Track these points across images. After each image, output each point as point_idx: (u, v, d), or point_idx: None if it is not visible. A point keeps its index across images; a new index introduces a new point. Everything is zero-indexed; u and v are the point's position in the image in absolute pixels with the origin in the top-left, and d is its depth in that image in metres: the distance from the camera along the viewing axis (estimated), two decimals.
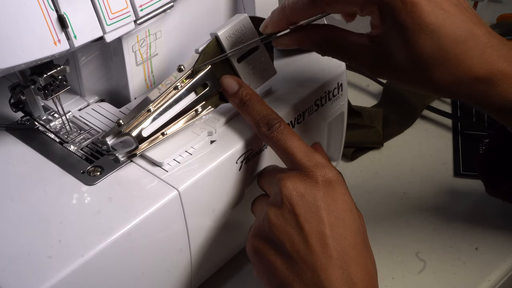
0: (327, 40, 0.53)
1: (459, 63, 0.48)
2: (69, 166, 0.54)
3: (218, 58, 0.56)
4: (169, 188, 0.52)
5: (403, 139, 0.81)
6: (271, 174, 0.55)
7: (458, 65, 0.48)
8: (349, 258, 0.49)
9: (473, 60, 0.48)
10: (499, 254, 0.66)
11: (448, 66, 0.48)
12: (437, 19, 0.47)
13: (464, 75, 0.48)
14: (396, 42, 0.49)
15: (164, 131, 0.54)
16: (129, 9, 0.53)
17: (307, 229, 0.49)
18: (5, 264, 0.46)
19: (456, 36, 0.47)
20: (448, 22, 0.47)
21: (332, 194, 0.50)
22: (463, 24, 0.48)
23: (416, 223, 0.70)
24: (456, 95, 0.51)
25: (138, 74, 0.60)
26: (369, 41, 0.50)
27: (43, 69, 0.52)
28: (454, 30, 0.47)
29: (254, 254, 0.52)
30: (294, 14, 0.53)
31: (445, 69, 0.48)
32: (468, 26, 0.48)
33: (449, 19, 0.47)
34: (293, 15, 0.53)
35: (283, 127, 0.53)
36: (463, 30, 0.48)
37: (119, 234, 0.48)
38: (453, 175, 0.75)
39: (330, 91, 0.64)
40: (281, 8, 0.53)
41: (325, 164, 0.52)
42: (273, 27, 0.55)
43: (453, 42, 0.47)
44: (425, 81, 0.50)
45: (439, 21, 0.47)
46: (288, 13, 0.53)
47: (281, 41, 0.56)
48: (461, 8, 0.48)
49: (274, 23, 0.54)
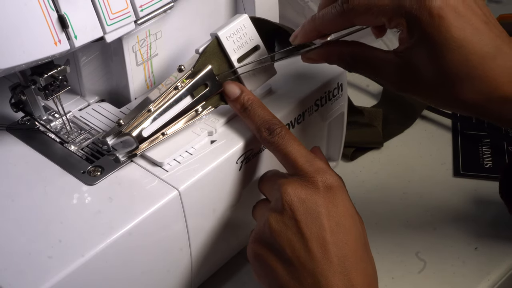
0: (354, 55, 0.53)
1: (487, 81, 0.47)
2: (70, 166, 0.54)
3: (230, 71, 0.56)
4: (169, 188, 0.52)
5: (403, 139, 0.81)
6: (272, 179, 0.55)
7: (486, 82, 0.47)
8: (350, 263, 0.49)
9: (502, 78, 0.47)
10: (498, 254, 0.66)
11: (474, 83, 0.47)
12: (465, 34, 0.46)
13: (492, 93, 0.47)
14: (423, 57, 0.48)
15: (164, 131, 0.54)
16: (130, 10, 0.53)
17: (307, 234, 0.49)
18: (6, 264, 0.46)
19: (484, 52, 0.47)
20: (476, 38, 0.46)
21: (332, 200, 0.50)
22: (492, 41, 0.47)
23: (416, 223, 0.70)
24: (482, 114, 0.50)
25: (139, 74, 0.60)
26: (396, 57, 0.50)
27: (44, 69, 0.52)
28: (482, 46, 0.47)
29: (254, 259, 0.52)
30: (324, 25, 0.53)
31: (472, 86, 0.47)
32: (497, 43, 0.47)
33: (477, 35, 0.47)
34: (323, 26, 0.53)
35: (284, 132, 0.53)
36: (492, 47, 0.47)
37: (120, 234, 0.48)
38: (452, 175, 0.75)
39: (330, 91, 0.64)
40: (311, 19, 0.53)
41: (325, 169, 0.52)
42: (303, 38, 0.55)
43: (482, 58, 0.47)
44: (451, 98, 0.49)
45: (467, 36, 0.46)
46: (318, 24, 0.53)
47: (309, 56, 0.56)
48: (490, 25, 0.48)
49: (304, 34, 0.55)
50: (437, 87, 0.49)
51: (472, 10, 0.47)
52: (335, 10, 0.51)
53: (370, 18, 0.50)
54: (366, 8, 0.49)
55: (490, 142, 0.79)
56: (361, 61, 0.53)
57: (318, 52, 0.55)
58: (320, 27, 0.53)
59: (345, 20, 0.51)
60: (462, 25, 0.46)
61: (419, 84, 0.50)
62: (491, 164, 0.76)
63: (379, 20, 0.50)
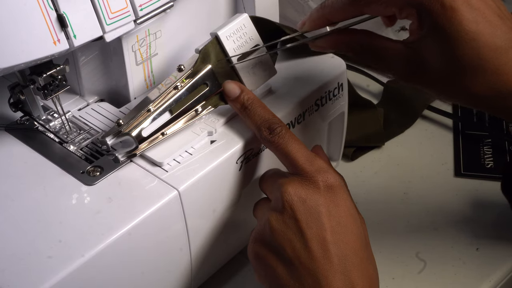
0: (363, 44, 0.52)
1: (498, 74, 0.47)
2: (69, 166, 0.54)
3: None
4: (169, 188, 0.52)
5: (403, 139, 0.81)
6: (272, 179, 0.54)
7: (497, 76, 0.47)
8: (350, 263, 0.49)
9: None
10: (500, 254, 0.66)
11: (486, 76, 0.47)
12: (477, 27, 0.46)
13: (502, 87, 0.47)
14: (433, 48, 0.47)
15: (164, 131, 0.54)
16: (129, 9, 0.52)
17: (308, 234, 0.49)
18: (5, 264, 0.46)
19: (496, 46, 0.46)
20: (489, 32, 0.46)
21: (333, 200, 0.50)
22: (505, 34, 0.46)
23: (416, 223, 0.70)
24: (491, 108, 0.50)
25: (138, 74, 0.60)
26: (405, 47, 0.49)
27: (43, 69, 0.52)
28: (494, 40, 0.46)
29: (255, 259, 0.52)
30: (333, 13, 0.52)
31: (483, 79, 0.47)
32: (510, 37, 0.46)
33: (490, 28, 0.46)
34: (332, 14, 0.52)
35: (284, 131, 0.53)
36: (505, 40, 0.46)
37: (119, 234, 0.48)
38: (453, 175, 0.75)
39: (331, 91, 0.63)
40: (320, 7, 0.53)
41: (326, 169, 0.51)
42: (311, 25, 0.54)
43: (493, 52, 0.46)
44: (461, 91, 0.48)
45: (479, 29, 0.46)
46: (327, 12, 0.52)
47: (318, 43, 0.55)
48: (504, 18, 0.47)
49: (312, 21, 0.54)
50: (447, 80, 0.48)
51: (485, 3, 0.46)
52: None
53: (381, 7, 0.49)
54: None
55: (492, 142, 0.78)
56: (370, 50, 0.52)
57: (327, 40, 0.54)
58: (329, 15, 0.52)
59: (355, 9, 0.50)
60: (475, 18, 0.46)
61: (428, 75, 0.49)
62: (492, 164, 0.75)
63: (389, 10, 0.49)
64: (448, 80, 0.48)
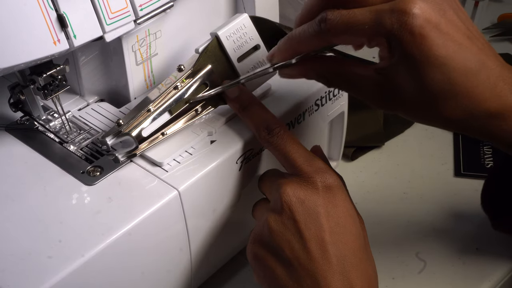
0: (332, 72, 0.52)
1: (470, 97, 0.46)
2: (69, 166, 0.54)
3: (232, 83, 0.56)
4: (169, 188, 0.52)
5: (403, 139, 0.81)
6: (271, 179, 0.54)
7: (469, 98, 0.46)
8: (349, 264, 0.49)
9: (485, 94, 0.46)
10: (500, 254, 0.66)
11: (458, 100, 0.46)
12: (447, 52, 0.45)
13: (475, 109, 0.47)
14: (404, 75, 0.47)
15: (164, 131, 0.54)
16: (129, 9, 0.52)
17: (306, 235, 0.49)
18: (5, 264, 0.46)
19: (467, 69, 0.45)
20: (459, 55, 0.45)
21: (332, 200, 0.50)
22: (475, 56, 0.46)
23: (416, 223, 0.70)
24: (467, 130, 0.49)
25: (138, 74, 0.60)
26: (376, 74, 0.48)
27: (43, 69, 0.52)
28: (465, 62, 0.45)
29: (254, 260, 0.52)
30: (300, 45, 0.51)
31: (456, 103, 0.46)
32: (480, 58, 0.46)
33: (460, 52, 0.45)
34: (299, 45, 0.51)
35: (283, 131, 0.53)
36: (475, 62, 0.46)
37: (119, 234, 0.48)
38: (453, 175, 0.75)
39: (331, 91, 0.63)
40: (287, 38, 0.51)
41: (325, 169, 0.51)
42: (279, 57, 0.53)
43: (464, 75, 0.45)
44: (435, 116, 0.48)
45: (449, 53, 0.45)
46: (294, 43, 0.51)
47: (286, 72, 0.54)
48: (473, 39, 0.46)
49: (280, 53, 0.53)
50: (420, 105, 0.48)
51: (454, 26, 0.46)
52: (312, 30, 0.48)
53: (349, 38, 0.48)
54: (345, 28, 0.46)
55: None
56: (340, 77, 0.51)
57: (295, 69, 0.53)
58: (296, 46, 0.51)
59: (323, 40, 0.49)
60: (444, 43, 0.45)
61: (401, 101, 0.48)
62: (492, 164, 0.75)
63: (358, 40, 0.48)
64: (421, 106, 0.48)
